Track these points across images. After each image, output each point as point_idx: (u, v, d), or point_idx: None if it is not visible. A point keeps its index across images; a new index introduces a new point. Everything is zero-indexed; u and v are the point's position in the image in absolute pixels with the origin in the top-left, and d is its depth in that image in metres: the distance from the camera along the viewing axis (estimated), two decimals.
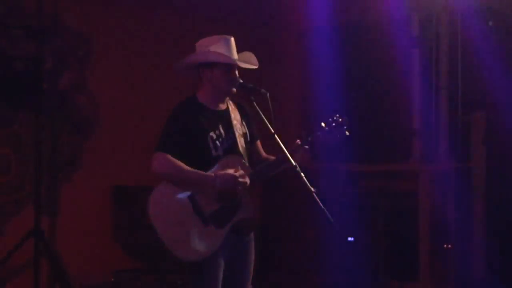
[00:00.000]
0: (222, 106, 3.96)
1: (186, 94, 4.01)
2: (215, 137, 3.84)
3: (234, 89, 3.90)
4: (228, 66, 3.85)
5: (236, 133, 3.92)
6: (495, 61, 6.88)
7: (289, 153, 3.76)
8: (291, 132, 8.22)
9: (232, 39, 3.91)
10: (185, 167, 3.73)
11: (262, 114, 3.78)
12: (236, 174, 3.75)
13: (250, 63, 3.93)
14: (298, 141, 3.84)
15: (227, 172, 3.74)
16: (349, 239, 7.24)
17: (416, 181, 7.19)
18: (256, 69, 3.98)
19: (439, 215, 7.15)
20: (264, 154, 4.11)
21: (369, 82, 7.83)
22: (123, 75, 7.03)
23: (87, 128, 6.87)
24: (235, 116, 3.96)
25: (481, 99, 7.01)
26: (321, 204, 3.60)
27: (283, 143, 3.74)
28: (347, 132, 3.95)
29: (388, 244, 7.01)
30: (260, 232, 7.52)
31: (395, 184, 7.32)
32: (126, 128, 6.99)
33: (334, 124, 3.93)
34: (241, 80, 3.91)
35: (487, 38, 6.90)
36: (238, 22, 7.47)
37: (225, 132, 3.88)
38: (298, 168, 3.70)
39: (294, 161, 3.70)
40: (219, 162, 3.82)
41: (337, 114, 3.96)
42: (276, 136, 3.72)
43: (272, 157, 4.05)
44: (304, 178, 3.66)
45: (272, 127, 3.74)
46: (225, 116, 3.94)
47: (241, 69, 3.96)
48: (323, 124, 3.93)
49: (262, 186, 7.59)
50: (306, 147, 3.84)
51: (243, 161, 3.89)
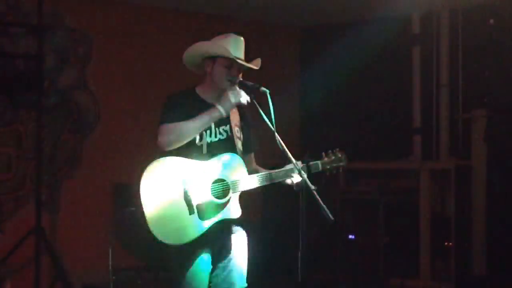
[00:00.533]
0: None
1: None
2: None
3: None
4: (230, 62, 3.84)
5: (234, 135, 3.91)
6: (496, 59, 6.88)
7: (288, 169, 3.88)
8: (291, 132, 8.23)
9: (242, 39, 3.91)
10: (186, 121, 3.74)
11: (263, 113, 3.77)
12: (231, 92, 3.78)
13: (252, 64, 3.92)
14: (300, 162, 3.85)
15: (225, 94, 3.78)
16: (350, 237, 7.24)
17: (417, 179, 7.19)
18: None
19: (440, 213, 7.16)
20: (255, 166, 4.11)
21: (370, 80, 7.84)
22: (124, 73, 7.03)
23: (88, 126, 6.88)
24: (234, 119, 3.95)
25: (482, 97, 7.02)
26: (322, 202, 3.60)
27: (284, 141, 3.74)
28: (341, 170, 4.13)
29: (389, 242, 7.01)
30: (260, 232, 7.57)
31: (396, 182, 7.33)
32: (127, 126, 6.99)
33: (334, 158, 4.08)
34: (241, 78, 3.90)
35: (488, 36, 6.90)
36: (239, 21, 7.47)
37: (216, 127, 3.88)
38: (299, 166, 3.71)
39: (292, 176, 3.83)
40: (220, 158, 3.81)
41: (338, 148, 4.12)
42: (277, 135, 3.72)
43: (262, 169, 4.05)
44: (305, 177, 3.67)
45: (273, 126, 3.73)
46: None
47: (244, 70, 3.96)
48: (324, 154, 4.07)
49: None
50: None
51: (243, 163, 3.88)
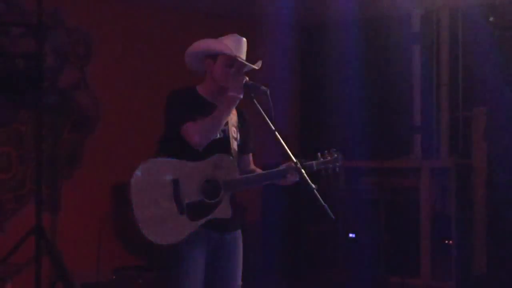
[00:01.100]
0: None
1: None
2: None
3: None
4: (231, 61, 3.84)
5: (230, 135, 3.91)
6: (496, 57, 6.87)
7: (281, 170, 3.84)
8: (291, 131, 8.24)
9: (244, 40, 3.91)
10: (204, 120, 3.72)
11: (263, 112, 3.77)
12: (234, 74, 3.79)
13: (253, 63, 3.92)
14: (292, 163, 3.82)
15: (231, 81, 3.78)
16: (350, 235, 7.24)
17: (417, 177, 7.20)
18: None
19: (440, 211, 7.16)
20: (253, 167, 4.11)
21: (370, 79, 7.83)
22: (124, 72, 7.03)
23: (88, 126, 6.88)
24: (232, 119, 3.95)
25: (482, 95, 7.02)
26: (322, 201, 3.60)
27: (283, 140, 3.74)
28: (337, 169, 4.04)
29: (389, 240, 7.02)
30: (261, 230, 7.57)
31: (396, 180, 7.33)
32: (127, 125, 7.00)
33: (329, 159, 4.01)
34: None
35: (488, 34, 6.90)
36: (239, 19, 7.47)
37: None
38: (299, 165, 3.71)
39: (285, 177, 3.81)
40: (212, 158, 3.81)
41: (334, 149, 4.05)
42: (277, 133, 3.72)
43: (259, 170, 4.05)
44: (305, 175, 3.67)
45: (273, 125, 3.73)
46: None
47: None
48: (319, 155, 4.00)
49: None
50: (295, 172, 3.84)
51: (235, 165, 3.88)
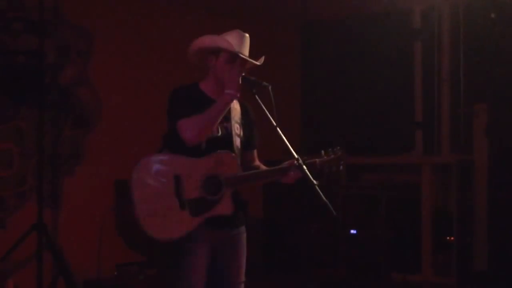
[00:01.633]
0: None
1: None
2: None
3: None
4: (233, 57, 3.84)
5: (233, 132, 3.91)
6: (497, 53, 6.87)
7: (283, 167, 3.82)
8: (292, 126, 8.24)
9: (247, 36, 3.92)
10: (201, 114, 3.71)
11: (264, 107, 3.77)
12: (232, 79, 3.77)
13: (254, 59, 3.92)
14: (295, 162, 3.81)
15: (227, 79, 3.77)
16: (352, 232, 7.24)
17: (418, 173, 7.20)
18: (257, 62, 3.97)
19: (441, 207, 7.17)
20: (257, 163, 4.10)
21: (371, 75, 7.83)
22: (125, 69, 7.03)
23: (89, 122, 6.87)
24: (235, 115, 3.95)
25: (483, 92, 7.01)
26: (324, 197, 3.60)
27: (285, 136, 3.74)
28: (341, 167, 3.99)
29: (391, 237, 7.02)
30: (263, 227, 7.57)
31: (398, 177, 7.34)
32: (129, 122, 6.99)
33: (333, 156, 3.96)
34: (243, 73, 3.90)
35: (489, 30, 6.89)
36: (240, 16, 7.46)
37: (220, 124, 3.88)
38: (301, 161, 3.71)
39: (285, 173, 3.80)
40: (213, 155, 3.81)
41: (338, 147, 4.01)
42: (278, 129, 3.72)
43: (264, 166, 4.05)
44: (307, 171, 3.67)
45: (274, 120, 3.74)
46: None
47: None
48: (323, 152, 3.96)
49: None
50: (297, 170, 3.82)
51: (237, 162, 3.88)
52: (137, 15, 7.15)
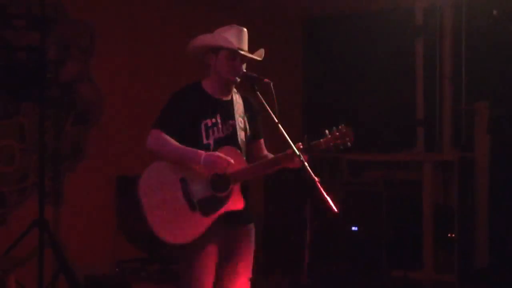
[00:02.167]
0: (226, 97, 3.94)
1: None
2: (210, 125, 3.83)
3: (237, 78, 3.89)
4: (233, 54, 3.84)
5: (237, 126, 3.91)
6: (499, 50, 6.86)
7: (288, 153, 3.79)
8: (293, 123, 8.23)
9: (245, 30, 3.91)
10: (175, 144, 3.76)
11: (266, 104, 3.77)
12: (222, 156, 3.74)
13: (255, 55, 3.91)
14: (300, 144, 3.81)
15: (214, 154, 3.74)
16: (353, 229, 7.24)
17: (420, 171, 7.20)
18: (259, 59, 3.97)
19: (443, 204, 7.16)
20: (265, 153, 4.09)
21: (373, 72, 7.83)
22: (127, 65, 7.02)
23: (91, 118, 6.87)
24: (238, 109, 3.95)
25: (485, 89, 7.00)
26: (325, 194, 3.59)
27: (287, 133, 3.74)
28: (349, 144, 3.88)
29: (392, 233, 7.01)
30: (263, 223, 7.57)
31: (399, 173, 7.33)
32: (130, 118, 6.99)
33: (338, 134, 3.85)
34: (245, 70, 3.90)
35: (492, 27, 6.88)
36: (242, 11, 7.46)
37: (222, 122, 3.87)
38: (302, 158, 3.70)
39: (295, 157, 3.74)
40: (217, 151, 3.81)
41: (343, 124, 3.89)
42: (280, 126, 3.72)
43: (271, 155, 4.04)
44: (308, 167, 3.66)
45: (276, 117, 3.73)
46: (227, 107, 3.92)
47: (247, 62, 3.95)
48: (327, 132, 3.87)
49: (265, 177, 7.59)
50: (303, 153, 3.80)
51: (241, 155, 3.88)
52: (139, 11, 7.14)
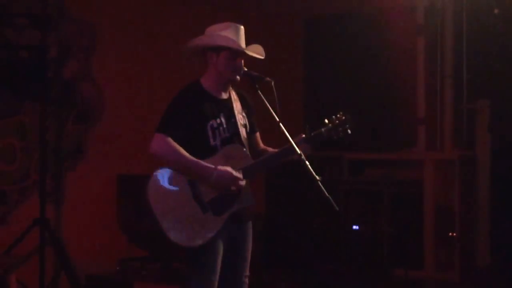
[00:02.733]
0: (225, 95, 3.94)
1: None
2: (216, 126, 3.83)
3: (238, 77, 3.89)
4: (234, 53, 3.83)
5: (238, 123, 3.91)
6: (500, 49, 6.86)
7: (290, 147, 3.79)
8: (295, 122, 8.23)
9: (242, 28, 3.90)
10: (184, 154, 3.70)
11: (267, 103, 3.77)
12: (235, 174, 3.74)
13: (257, 53, 3.91)
14: (303, 135, 3.83)
15: (227, 170, 3.73)
16: (354, 228, 7.24)
17: (421, 169, 7.19)
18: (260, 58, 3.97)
19: (444, 203, 7.16)
20: (262, 146, 4.10)
21: (374, 71, 7.82)
22: (128, 64, 7.02)
23: (92, 117, 6.88)
24: (237, 106, 3.95)
25: (486, 87, 7.00)
26: (326, 193, 3.60)
27: (288, 132, 3.75)
28: (349, 131, 3.96)
29: (393, 232, 7.01)
30: (265, 222, 7.57)
31: (400, 172, 7.33)
32: (131, 117, 6.99)
33: (338, 122, 3.94)
34: (246, 69, 3.90)
35: (493, 26, 6.88)
36: (243, 11, 7.46)
37: (226, 122, 3.87)
38: (303, 157, 3.71)
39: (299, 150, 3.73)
40: (221, 151, 3.81)
41: (341, 112, 3.98)
42: (281, 125, 3.72)
43: (270, 149, 4.05)
44: (309, 167, 3.66)
45: (277, 116, 3.74)
46: (227, 106, 3.92)
47: (246, 59, 3.95)
48: (326, 121, 3.95)
49: (266, 176, 7.60)
50: (306, 143, 3.84)
51: (245, 152, 3.88)
52: (140, 10, 7.14)
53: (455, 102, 7.31)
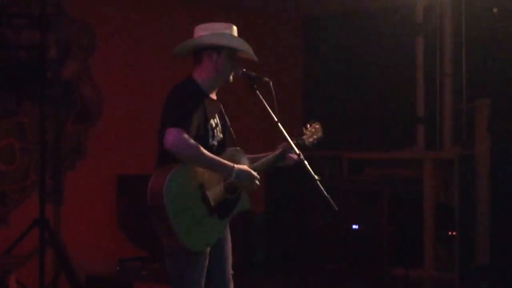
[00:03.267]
0: (214, 96, 3.92)
1: None
2: (214, 126, 3.81)
3: (231, 78, 3.86)
4: (234, 52, 3.82)
5: (226, 125, 3.92)
6: (500, 48, 6.85)
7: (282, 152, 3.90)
8: (293, 122, 8.24)
9: (235, 28, 3.89)
10: (203, 149, 3.61)
11: (265, 103, 3.77)
12: (254, 174, 3.75)
13: (252, 55, 3.90)
14: (291, 141, 3.83)
15: (246, 168, 3.73)
16: (354, 227, 7.25)
17: (420, 168, 7.20)
18: (258, 58, 3.96)
19: (443, 202, 7.16)
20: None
21: (373, 70, 7.83)
22: (127, 64, 7.03)
23: (91, 117, 6.88)
24: (222, 108, 3.95)
25: (486, 86, 7.00)
26: (325, 192, 3.59)
27: (286, 131, 3.75)
28: (319, 140, 4.17)
29: (393, 231, 7.02)
30: (265, 222, 7.58)
31: (400, 171, 7.33)
32: (130, 117, 7.00)
33: (313, 130, 4.15)
34: (244, 69, 3.88)
35: (492, 25, 6.88)
36: (242, 11, 7.46)
37: (220, 122, 3.88)
38: (302, 156, 3.71)
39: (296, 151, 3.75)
40: (226, 153, 3.80)
41: (312, 120, 4.17)
42: (280, 125, 3.72)
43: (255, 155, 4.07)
44: (308, 166, 3.66)
45: (276, 116, 3.73)
46: (219, 107, 3.92)
47: (246, 59, 3.95)
48: (304, 130, 4.14)
49: (266, 176, 7.60)
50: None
51: (245, 155, 3.89)
52: (139, 11, 7.14)
53: (454, 102, 7.32)
